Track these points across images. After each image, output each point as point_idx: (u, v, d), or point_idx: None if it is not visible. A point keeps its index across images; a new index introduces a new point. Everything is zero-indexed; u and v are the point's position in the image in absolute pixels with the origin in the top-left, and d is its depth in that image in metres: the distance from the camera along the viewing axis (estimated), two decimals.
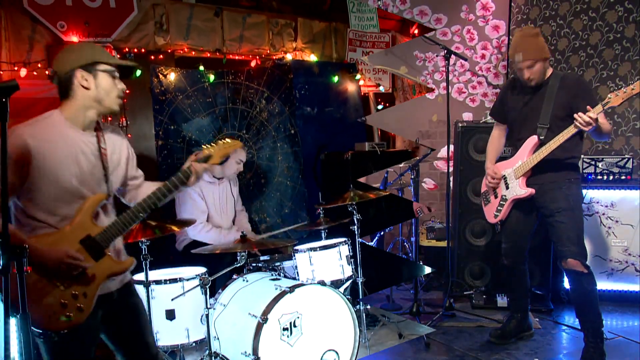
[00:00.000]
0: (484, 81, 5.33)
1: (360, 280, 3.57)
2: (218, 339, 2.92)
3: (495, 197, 3.48)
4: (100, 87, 2.03)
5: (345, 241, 3.55)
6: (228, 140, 2.27)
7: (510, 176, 3.36)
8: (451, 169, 4.42)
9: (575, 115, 2.93)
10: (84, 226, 1.98)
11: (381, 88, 6.42)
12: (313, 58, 5.74)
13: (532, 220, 3.44)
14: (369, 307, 3.66)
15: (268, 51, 5.42)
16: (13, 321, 1.60)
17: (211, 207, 3.94)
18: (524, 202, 3.34)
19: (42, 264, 1.85)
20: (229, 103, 4.87)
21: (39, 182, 1.91)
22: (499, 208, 3.44)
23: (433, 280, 4.95)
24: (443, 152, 5.37)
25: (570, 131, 3.02)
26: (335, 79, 5.68)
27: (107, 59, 2.07)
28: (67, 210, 1.98)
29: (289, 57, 5.51)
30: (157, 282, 2.96)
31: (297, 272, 3.40)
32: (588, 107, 2.90)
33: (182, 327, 2.98)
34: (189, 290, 2.95)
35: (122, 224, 2.04)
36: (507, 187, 3.38)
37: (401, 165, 5.06)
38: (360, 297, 3.58)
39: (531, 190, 3.26)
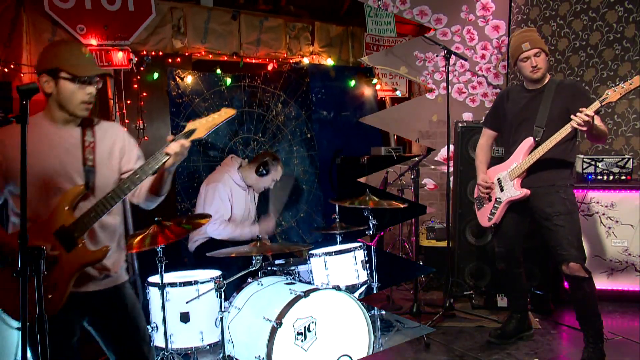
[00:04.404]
0: (484, 81, 5.27)
1: (375, 285, 3.54)
2: (232, 342, 2.91)
3: (489, 200, 3.45)
4: (61, 94, 2.01)
5: (360, 246, 3.52)
6: (224, 109, 2.15)
7: (504, 178, 3.33)
8: (451, 169, 4.39)
9: (573, 115, 2.91)
10: (59, 217, 1.98)
11: (398, 92, 6.39)
12: (330, 62, 5.73)
13: (525, 224, 3.41)
14: (383, 312, 3.63)
15: (285, 55, 5.42)
16: None
17: (237, 210, 3.95)
18: (518, 204, 3.31)
19: (15, 259, 1.77)
20: (246, 106, 4.88)
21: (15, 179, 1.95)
22: (492, 211, 3.41)
23: (433, 280, 4.90)
24: (443, 152, 5.33)
25: (566, 129, 3.00)
26: (352, 83, 5.68)
27: (69, 66, 2.01)
28: (41, 203, 1.98)
29: (305, 61, 5.51)
30: (172, 285, 2.97)
31: (312, 277, 3.38)
32: (582, 109, 2.88)
33: (197, 330, 2.98)
34: (203, 294, 2.96)
35: (95, 212, 2.00)
36: (502, 190, 3.35)
37: (401, 165, 5.03)
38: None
39: (526, 191, 3.22)
